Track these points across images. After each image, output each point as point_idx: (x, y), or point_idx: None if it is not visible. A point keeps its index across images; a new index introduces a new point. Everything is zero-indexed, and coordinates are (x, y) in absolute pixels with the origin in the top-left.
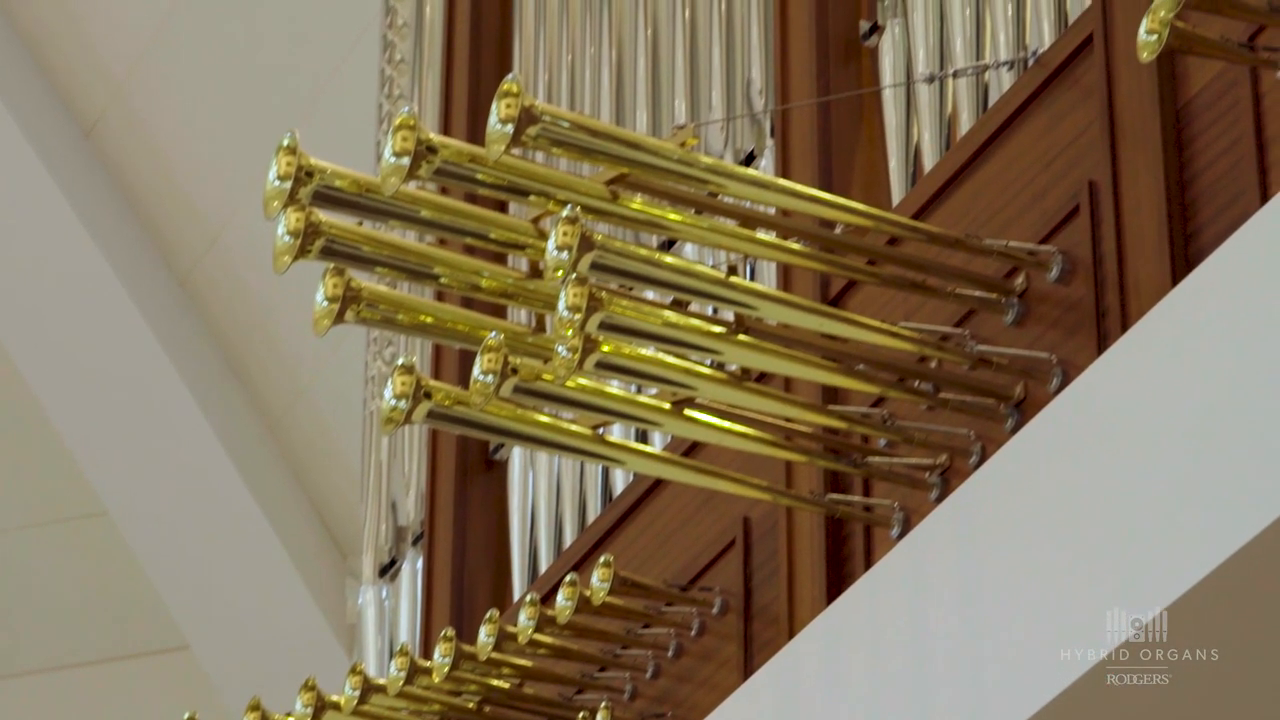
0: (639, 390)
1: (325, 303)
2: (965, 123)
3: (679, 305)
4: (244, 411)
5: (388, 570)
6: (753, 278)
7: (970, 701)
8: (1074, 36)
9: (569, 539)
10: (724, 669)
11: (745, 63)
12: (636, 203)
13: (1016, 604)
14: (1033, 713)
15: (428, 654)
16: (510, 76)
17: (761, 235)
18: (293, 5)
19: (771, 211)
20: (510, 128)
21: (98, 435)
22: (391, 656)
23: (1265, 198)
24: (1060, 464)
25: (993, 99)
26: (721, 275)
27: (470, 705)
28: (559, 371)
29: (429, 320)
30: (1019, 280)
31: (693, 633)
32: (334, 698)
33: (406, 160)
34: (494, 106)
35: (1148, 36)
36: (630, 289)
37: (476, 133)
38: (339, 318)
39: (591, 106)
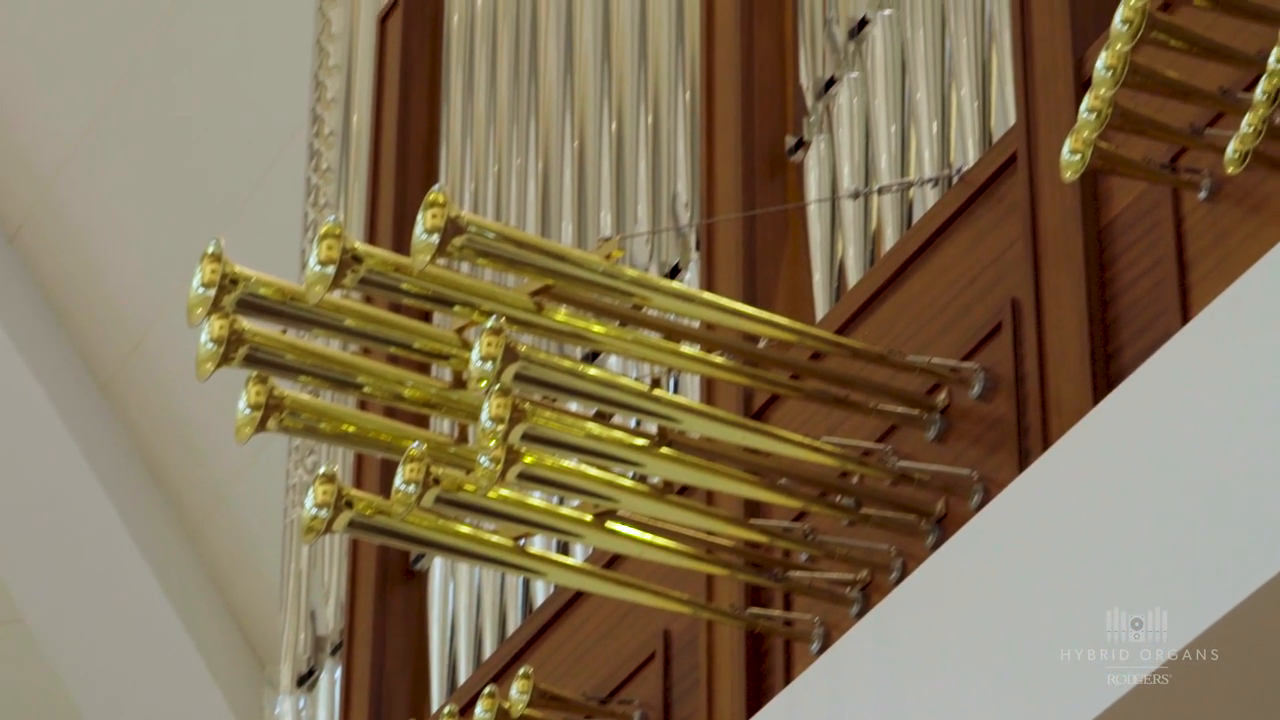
0: (561, 502)
1: (247, 410)
2: (889, 239)
3: (602, 417)
4: (163, 518)
5: (306, 680)
6: (676, 391)
7: None
8: (998, 155)
9: (488, 650)
10: None
11: (671, 176)
12: (561, 314)
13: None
14: None
15: None
16: (437, 186)
17: (685, 348)
18: (220, 112)
19: (696, 325)
20: (436, 238)
21: (15, 540)
22: None
23: (1186, 318)
24: (981, 581)
25: (917, 215)
26: (645, 388)
27: None
28: (481, 482)
29: (351, 429)
30: (941, 397)
31: None
32: None
33: (332, 269)
34: (420, 216)
35: (1071, 156)
36: (554, 400)
37: (402, 242)
38: (261, 426)
39: (517, 217)
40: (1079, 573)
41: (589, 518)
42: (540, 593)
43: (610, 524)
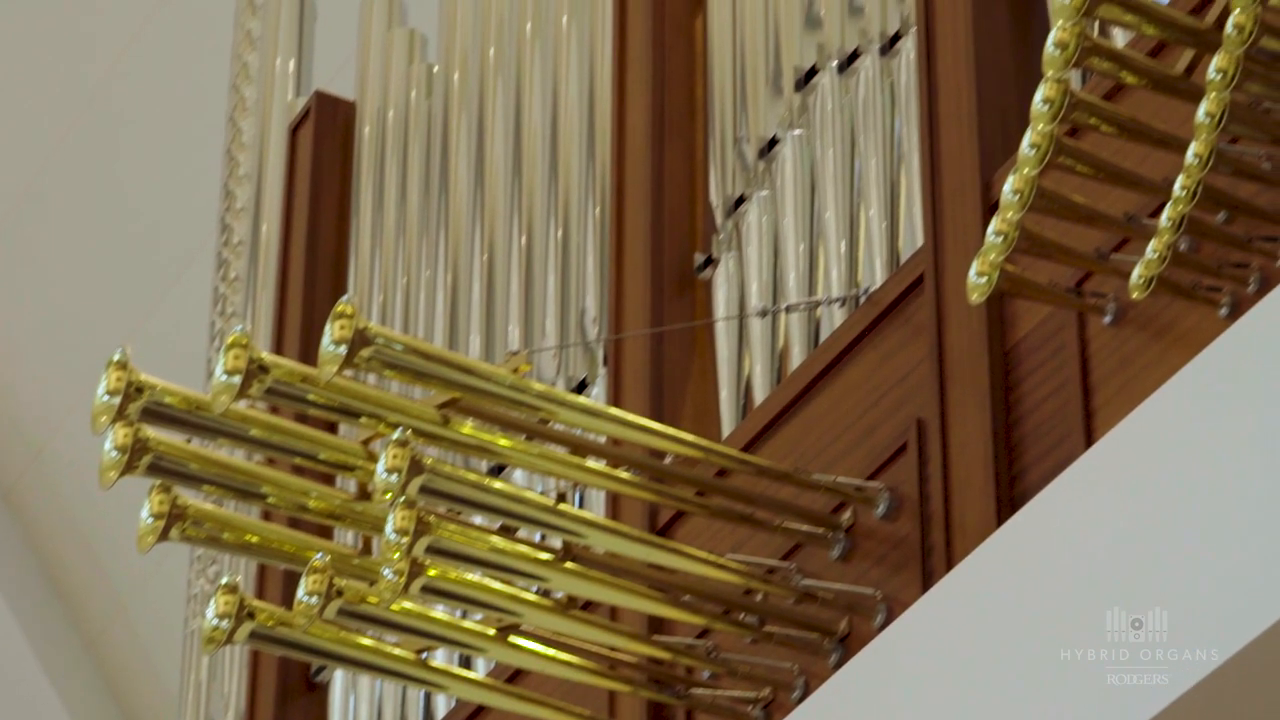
0: (464, 615)
1: (150, 519)
2: (797, 357)
3: (507, 531)
4: (63, 626)
5: None
6: (581, 505)
7: None
8: (906, 276)
9: None
10: None
11: (580, 291)
12: (467, 427)
13: None
14: None
15: None
16: (345, 298)
17: (591, 463)
18: (129, 222)
19: (602, 440)
20: (343, 349)
21: None
22: None
23: (1090, 442)
24: (883, 700)
25: (824, 334)
26: (550, 502)
27: None
28: (384, 595)
29: (255, 540)
30: (846, 515)
31: None
32: None
33: (238, 379)
34: (328, 327)
35: (978, 279)
36: (459, 514)
37: (309, 352)
38: (163, 535)
39: (425, 329)
40: (981, 693)
41: (492, 632)
42: (442, 706)
43: (513, 638)
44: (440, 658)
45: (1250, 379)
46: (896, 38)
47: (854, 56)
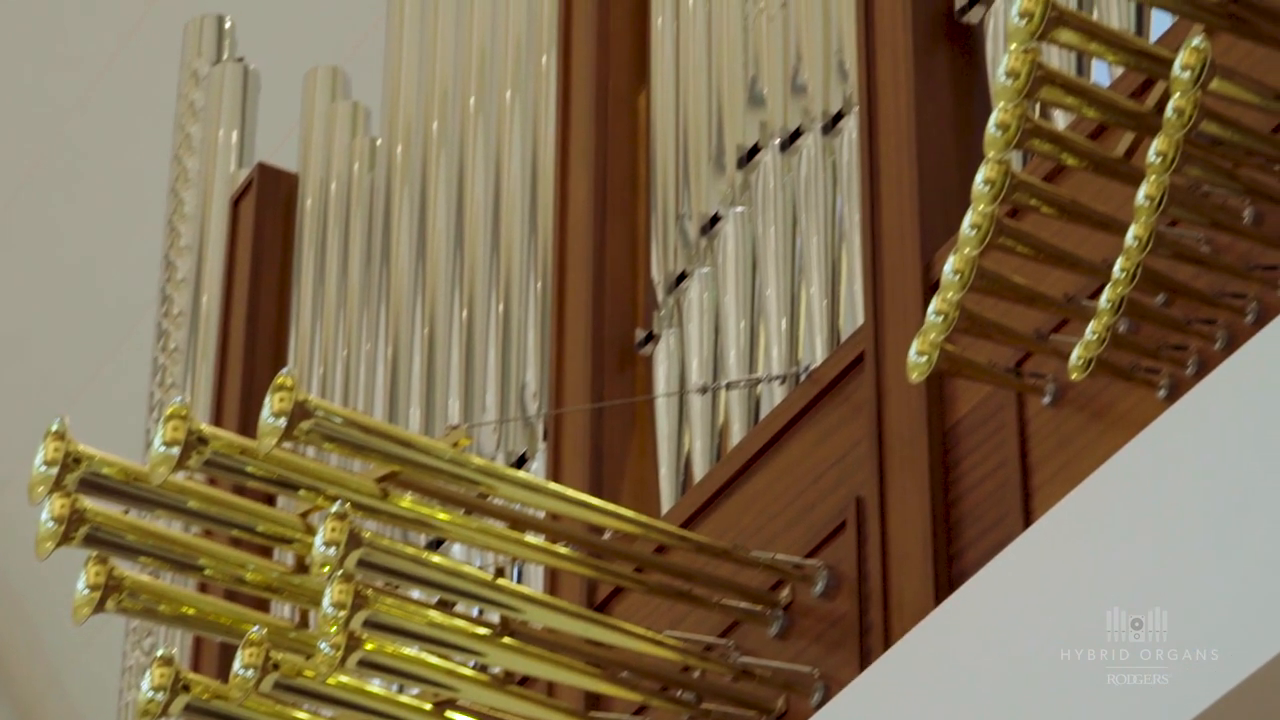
0: (401, 690)
1: (86, 591)
2: (736, 434)
3: (445, 605)
4: None
5: None
6: (520, 580)
7: None
8: (846, 354)
9: None
10: None
11: (521, 365)
12: (406, 501)
13: None
14: None
15: None
16: (285, 370)
17: (530, 538)
18: (69, 291)
19: (541, 515)
20: (283, 422)
21: None
22: None
23: (1028, 522)
24: None
25: (764, 412)
26: (489, 577)
27: None
28: (321, 668)
29: (191, 612)
30: (785, 593)
31: None
32: None
33: (176, 450)
34: (267, 399)
35: (918, 358)
36: (396, 587)
37: (248, 424)
38: (99, 607)
39: (365, 402)
40: None
41: (429, 706)
42: None
43: (450, 713)
44: None
45: (1188, 461)
46: (839, 117)
47: (796, 135)
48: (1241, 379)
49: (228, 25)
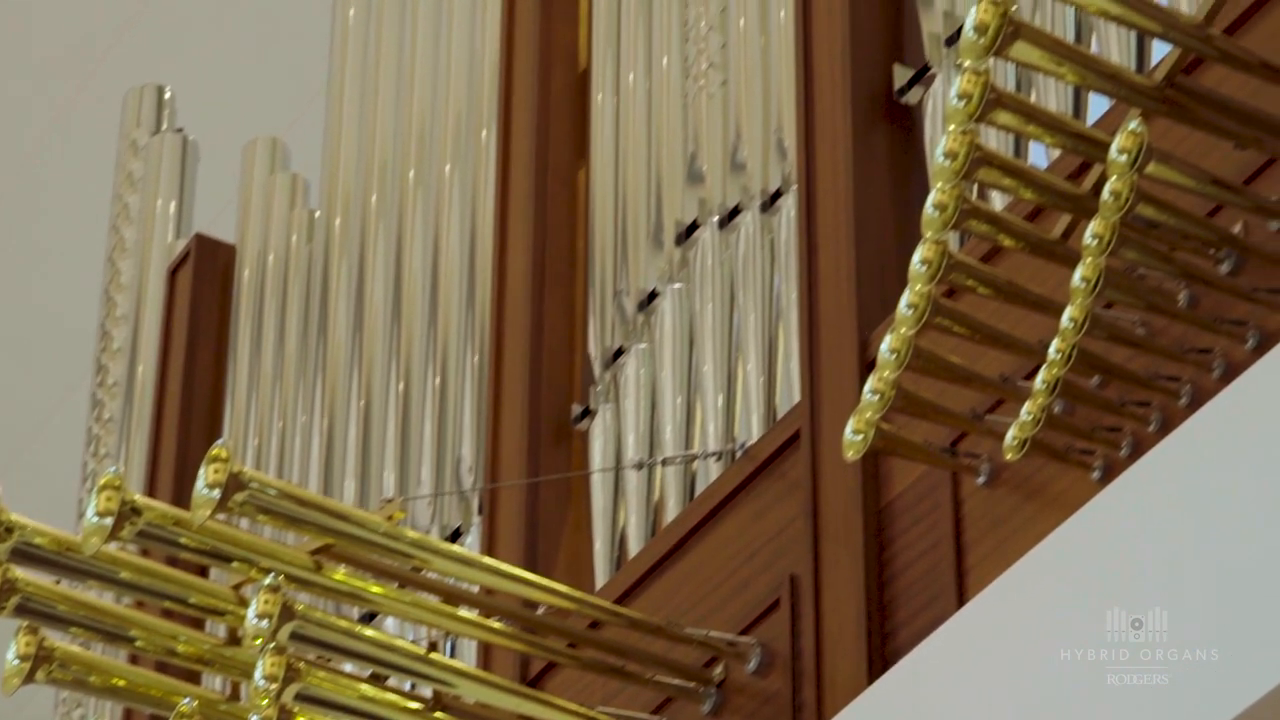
0: None
1: (16, 661)
2: (672, 510)
3: (377, 679)
4: None
5: None
6: (453, 655)
7: None
8: (782, 431)
9: None
10: None
11: (456, 439)
12: (340, 574)
13: None
14: None
15: None
16: (220, 441)
17: (464, 612)
18: (3, 359)
19: (475, 589)
20: (217, 493)
21: None
22: None
23: (962, 601)
24: None
25: (700, 488)
26: (422, 651)
27: None
28: None
29: (122, 683)
30: (718, 670)
31: None
32: None
33: (109, 521)
34: (202, 471)
35: (853, 436)
36: (329, 660)
37: (183, 495)
38: (29, 677)
39: (300, 474)
40: None
41: None
42: None
43: None
44: None
45: (1121, 543)
46: (777, 195)
47: (735, 212)
48: (1175, 461)
49: (167, 95)
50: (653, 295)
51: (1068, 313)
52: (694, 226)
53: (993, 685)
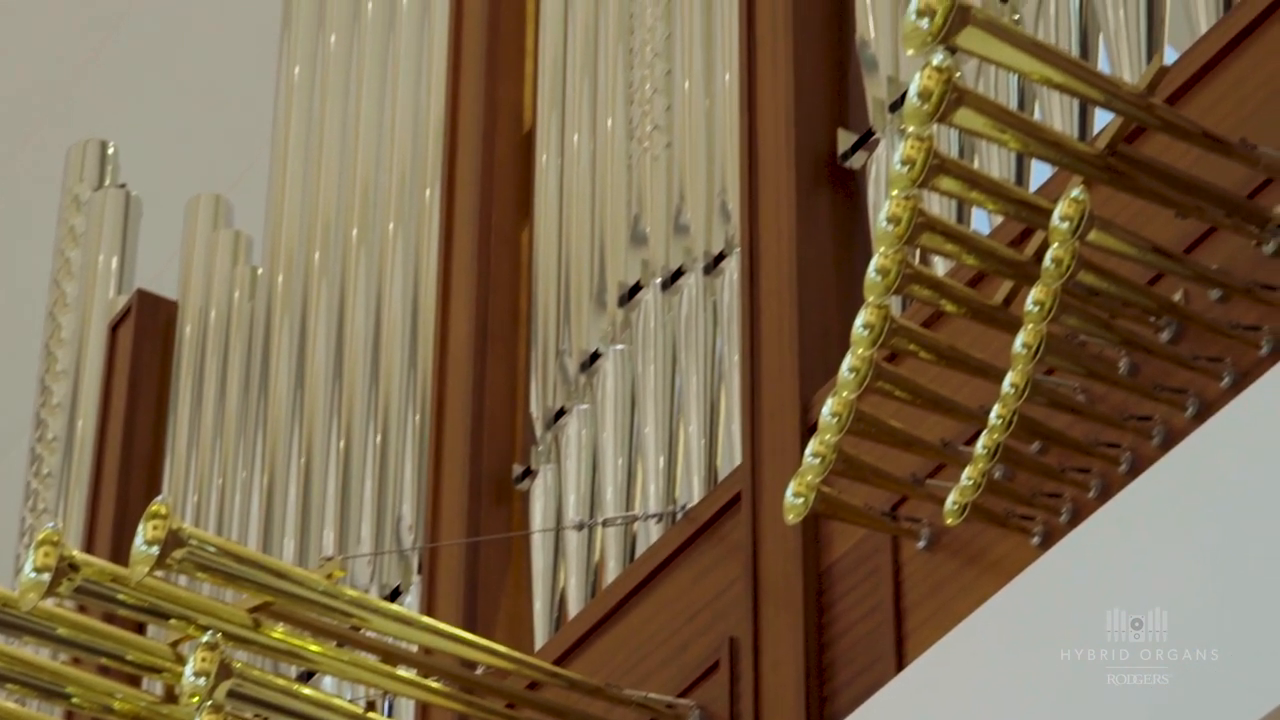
0: None
1: None
2: (612, 571)
3: None
4: None
5: None
6: (391, 714)
7: None
8: (723, 494)
9: None
10: None
11: (397, 498)
12: (279, 632)
13: None
14: None
15: None
16: (159, 498)
17: (402, 672)
18: None
19: (414, 648)
20: (156, 550)
21: None
22: None
23: (901, 665)
24: None
25: (640, 550)
26: (359, 710)
27: None
28: None
29: None
30: None
31: None
32: None
33: (47, 576)
34: (141, 527)
35: (794, 499)
36: (266, 719)
37: (121, 552)
38: None
39: (240, 532)
40: None
41: None
42: None
43: None
44: None
45: (1060, 609)
46: (721, 257)
47: (678, 274)
48: (1114, 528)
49: (111, 151)
50: (595, 356)
51: (1009, 378)
52: (637, 288)
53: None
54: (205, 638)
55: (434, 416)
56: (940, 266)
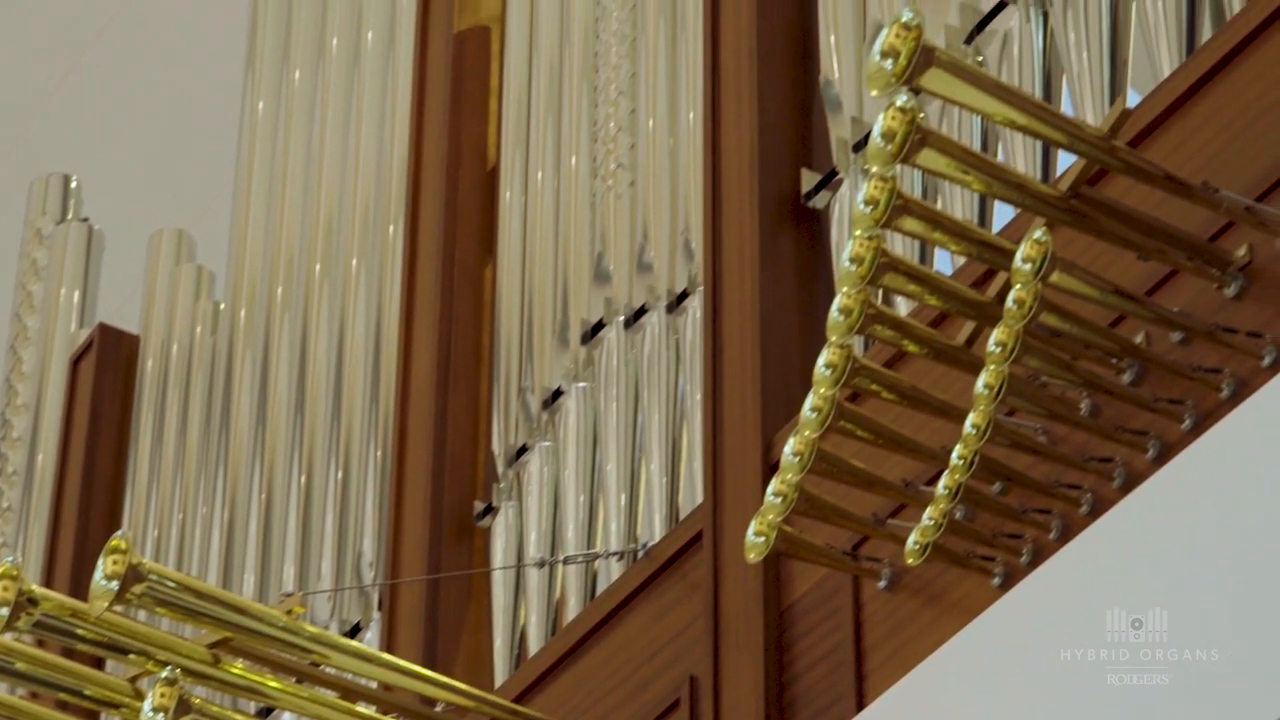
0: None
1: None
2: (573, 609)
3: None
4: None
5: None
6: None
7: None
8: (684, 532)
9: None
10: None
11: (358, 534)
12: (238, 667)
13: None
14: None
15: None
16: (119, 532)
17: (362, 709)
18: None
19: (374, 685)
20: (115, 584)
21: None
22: None
23: (861, 705)
24: None
25: (601, 587)
26: None
27: None
28: None
29: None
30: None
31: None
32: None
33: (5, 610)
34: (100, 562)
35: (755, 538)
36: None
37: (80, 586)
38: None
39: (200, 567)
40: None
41: None
42: None
43: None
44: None
45: (1020, 650)
46: (684, 296)
47: (641, 312)
48: (1074, 569)
49: (73, 185)
50: (557, 393)
51: (970, 419)
52: (600, 325)
53: None
54: (164, 673)
55: (395, 452)
56: (903, 307)
